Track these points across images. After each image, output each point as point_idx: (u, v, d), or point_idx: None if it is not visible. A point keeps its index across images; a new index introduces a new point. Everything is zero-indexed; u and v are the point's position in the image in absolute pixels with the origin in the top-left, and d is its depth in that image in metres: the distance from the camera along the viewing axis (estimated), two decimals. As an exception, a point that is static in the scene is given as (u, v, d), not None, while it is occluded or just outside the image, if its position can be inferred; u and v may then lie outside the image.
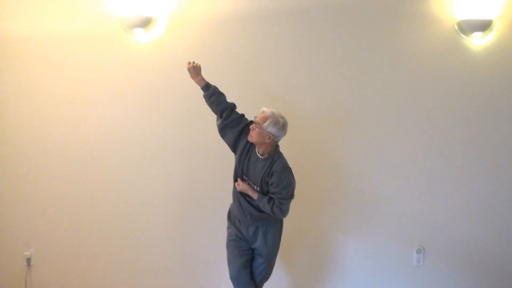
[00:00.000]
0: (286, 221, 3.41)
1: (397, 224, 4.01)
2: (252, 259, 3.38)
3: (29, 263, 3.97)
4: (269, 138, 3.06)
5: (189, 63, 3.20)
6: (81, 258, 4.01)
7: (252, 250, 3.35)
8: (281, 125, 3.06)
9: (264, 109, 3.09)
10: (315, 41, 3.85)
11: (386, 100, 3.91)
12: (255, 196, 3.16)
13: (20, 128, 3.89)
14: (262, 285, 3.48)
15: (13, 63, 3.82)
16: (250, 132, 3.10)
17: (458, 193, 4.00)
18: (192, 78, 3.23)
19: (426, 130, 3.94)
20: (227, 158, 3.40)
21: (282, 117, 3.08)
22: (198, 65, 3.21)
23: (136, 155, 3.92)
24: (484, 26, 3.77)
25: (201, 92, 3.26)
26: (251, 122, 3.16)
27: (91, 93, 3.85)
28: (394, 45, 3.85)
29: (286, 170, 3.10)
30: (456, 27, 3.82)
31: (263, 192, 3.17)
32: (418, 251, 4.03)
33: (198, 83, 3.23)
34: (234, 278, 3.31)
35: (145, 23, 3.68)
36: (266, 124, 3.03)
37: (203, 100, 3.27)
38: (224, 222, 3.45)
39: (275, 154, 3.13)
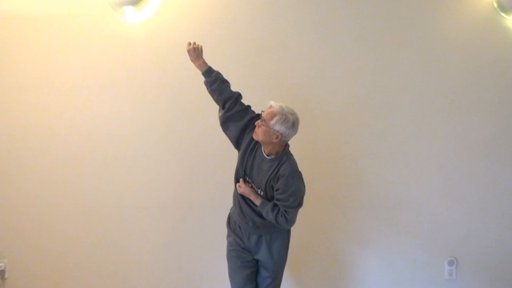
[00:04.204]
0: (295, 230, 3.29)
1: (425, 232, 3.91)
2: (256, 271, 3.24)
3: (3, 276, 3.87)
4: (277, 137, 2.90)
5: (189, 44, 3.10)
6: (60, 269, 3.90)
7: (257, 261, 3.22)
8: (291, 123, 2.89)
9: (272, 103, 2.93)
10: (331, 21, 3.74)
11: (413, 90, 3.79)
12: (257, 201, 3.03)
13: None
14: (268, 303, 3.36)
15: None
16: (256, 129, 2.96)
17: (497, 197, 3.88)
18: (192, 61, 3.13)
19: (459, 124, 3.82)
20: (229, 156, 3.26)
21: (293, 114, 2.92)
22: (199, 46, 3.11)
23: (125, 152, 3.79)
24: (528, 3, 3.69)
25: (202, 80, 3.12)
26: (258, 116, 3.01)
27: (75, 81, 3.72)
28: (423, 26, 3.74)
29: (295, 175, 2.95)
30: (495, 4, 3.71)
31: (268, 198, 3.03)
32: (450, 263, 3.93)
33: (198, 67, 3.12)
34: (237, 294, 3.22)
35: (136, 0, 3.55)
36: (273, 121, 2.87)
37: (204, 89, 3.14)
38: (224, 229, 3.32)
39: (283, 155, 2.99)
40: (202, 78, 3.09)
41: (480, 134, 3.82)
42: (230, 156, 3.21)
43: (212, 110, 3.19)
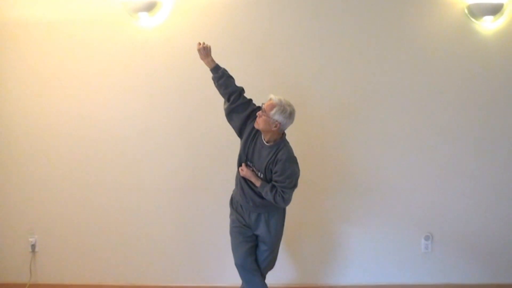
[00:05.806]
0: (290, 210, 3.39)
1: (405, 210, 3.97)
2: (256, 245, 3.37)
3: (34, 250, 3.97)
4: (276, 126, 3.02)
5: (199, 43, 3.21)
6: (87, 244, 4.01)
7: (256, 236, 3.34)
8: (288, 114, 3.02)
9: (272, 96, 3.05)
10: (324, 27, 3.80)
11: (394, 87, 3.85)
12: (258, 183, 3.14)
13: (24, 116, 3.87)
14: (266, 273, 3.46)
15: (11, 49, 3.79)
16: (257, 119, 3.07)
17: (468, 179, 3.95)
18: (201, 59, 3.22)
19: (436, 117, 3.89)
20: (233, 146, 3.38)
21: (290, 105, 3.04)
22: (208, 46, 3.21)
23: (141, 143, 3.90)
24: (495, 9, 3.69)
25: (209, 78, 3.25)
26: (259, 107, 3.13)
27: (93, 81, 3.82)
28: (400, 30, 3.79)
29: (291, 160, 3.07)
30: (466, 10, 3.75)
31: (267, 180, 3.14)
32: (427, 238, 3.99)
33: (207, 64, 3.22)
34: (239, 265, 3.32)
35: (150, 6, 3.62)
36: (273, 112, 2.99)
37: (212, 88, 3.25)
38: (228, 209, 3.42)
39: (281, 142, 3.10)
40: (210, 76, 3.21)
41: (450, 126, 3.86)
42: (234, 146, 3.32)
43: (219, 106, 3.29)
